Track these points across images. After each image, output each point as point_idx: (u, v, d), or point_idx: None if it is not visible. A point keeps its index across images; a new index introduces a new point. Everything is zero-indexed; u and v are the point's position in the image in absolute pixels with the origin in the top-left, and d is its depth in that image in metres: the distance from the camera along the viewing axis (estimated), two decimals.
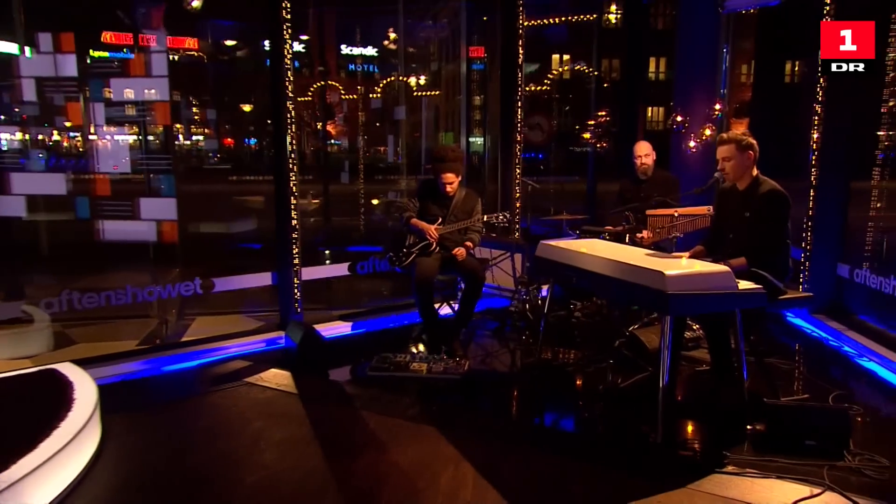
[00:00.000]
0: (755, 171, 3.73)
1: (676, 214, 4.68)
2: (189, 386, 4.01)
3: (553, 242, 4.15)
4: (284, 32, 4.44)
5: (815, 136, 5.19)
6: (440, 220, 4.79)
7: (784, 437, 3.13)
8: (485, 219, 4.70)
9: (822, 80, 5.08)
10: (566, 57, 24.35)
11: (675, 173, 5.64)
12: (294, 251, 4.72)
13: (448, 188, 4.77)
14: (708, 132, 6.41)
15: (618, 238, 4.94)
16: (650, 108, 25.57)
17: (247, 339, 4.73)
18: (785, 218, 3.59)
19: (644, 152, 5.22)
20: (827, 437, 3.09)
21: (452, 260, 4.65)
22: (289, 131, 4.58)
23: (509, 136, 6.03)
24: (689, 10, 6.73)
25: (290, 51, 4.50)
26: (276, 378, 4.06)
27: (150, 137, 5.73)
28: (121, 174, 4.88)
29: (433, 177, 4.83)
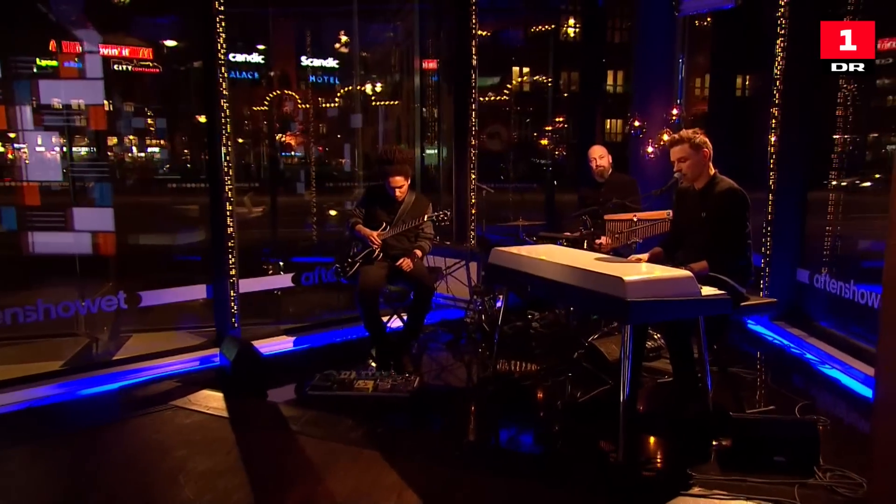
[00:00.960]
0: (712, 170, 3.55)
1: (636, 219, 4.47)
2: (107, 411, 3.61)
3: (507, 248, 3.89)
4: (217, 35, 4.13)
5: (773, 138, 5.07)
6: (385, 225, 4.50)
7: (752, 452, 2.91)
8: (426, 217, 4.41)
9: (777, 85, 4.99)
10: (525, 70, 24.40)
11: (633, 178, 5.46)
12: (231, 261, 4.36)
13: (397, 192, 4.48)
14: (666, 137, 6.25)
15: (575, 244, 4.71)
16: (608, 120, 25.75)
17: (179, 357, 4.34)
18: (743, 217, 3.39)
19: (598, 154, 5.05)
20: (796, 451, 2.88)
21: (401, 269, 4.35)
22: (224, 135, 4.25)
23: (463, 140, 5.78)
24: (647, 15, 6.62)
25: (224, 55, 4.18)
26: (207, 400, 3.69)
27: (83, 146, 5.34)
28: (52, 183, 4.51)
29: (381, 181, 4.54)
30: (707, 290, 3.09)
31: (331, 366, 4.14)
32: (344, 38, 7.14)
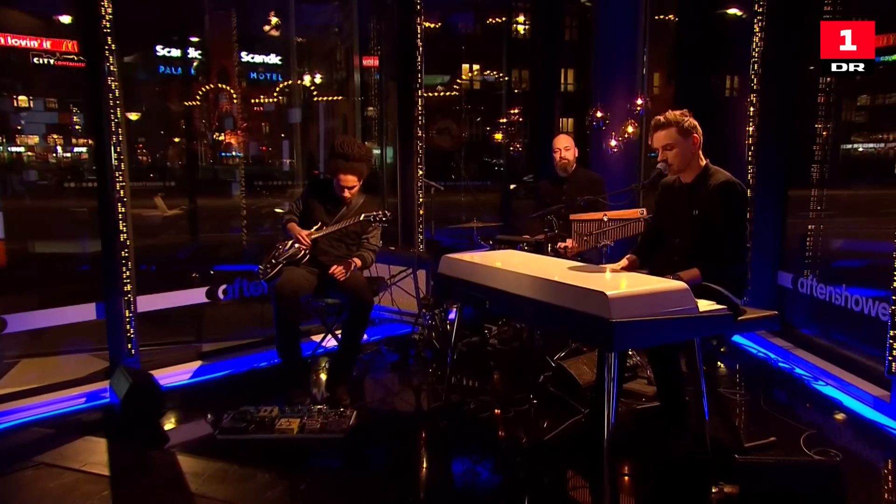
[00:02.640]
0: (703, 160, 3.00)
1: (606, 218, 3.91)
2: None
3: (459, 256, 3.26)
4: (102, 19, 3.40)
5: (751, 129, 4.61)
6: (321, 225, 3.82)
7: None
8: (361, 217, 3.74)
9: (753, 78, 4.56)
10: (476, 67, 23.88)
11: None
12: (125, 275, 3.59)
13: (346, 193, 3.82)
14: (630, 129, 5.77)
15: (538, 248, 4.12)
16: (561, 119, 25.48)
17: (61, 393, 3.54)
18: (742, 216, 2.87)
19: (564, 145, 4.51)
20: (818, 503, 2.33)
21: (333, 279, 3.66)
22: (113, 126, 3.50)
23: (408, 133, 5.14)
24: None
25: (111, 41, 3.44)
26: (84, 453, 2.93)
27: None
28: None
29: (329, 176, 3.86)
30: (704, 305, 2.52)
31: (250, 399, 3.44)
32: (274, 20, 6.38)
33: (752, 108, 4.59)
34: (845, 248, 4.60)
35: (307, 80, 10.72)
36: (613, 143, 5.87)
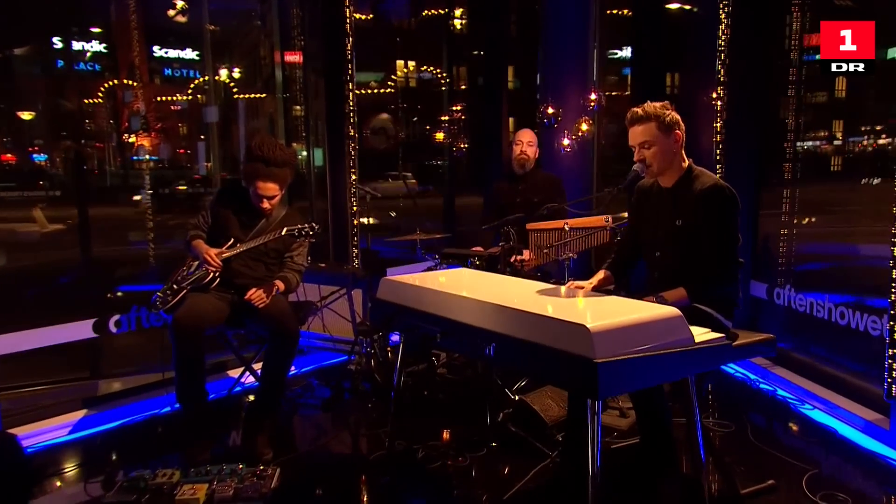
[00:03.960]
0: (686, 161, 2.68)
1: (567, 227, 3.56)
2: None
3: (402, 278, 2.83)
4: None
5: (718, 124, 4.38)
6: (234, 242, 3.31)
7: None
8: (284, 232, 3.25)
9: (721, 73, 4.35)
10: (411, 64, 23.49)
11: None
12: None
13: (265, 204, 3.33)
14: (585, 127, 5.48)
15: (492, 263, 3.73)
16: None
17: None
18: (734, 226, 2.57)
19: (528, 139, 4.27)
20: None
21: (250, 306, 3.17)
22: None
23: (339, 133, 4.68)
24: None
25: None
26: None
27: None
28: None
29: (245, 183, 3.36)
30: (699, 334, 2.18)
31: (147, 458, 2.90)
32: (180, 4, 5.79)
33: (719, 103, 4.36)
34: (821, 251, 4.41)
35: (224, 74, 10.07)
36: (566, 141, 5.57)
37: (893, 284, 2.94)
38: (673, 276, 2.62)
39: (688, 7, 5.73)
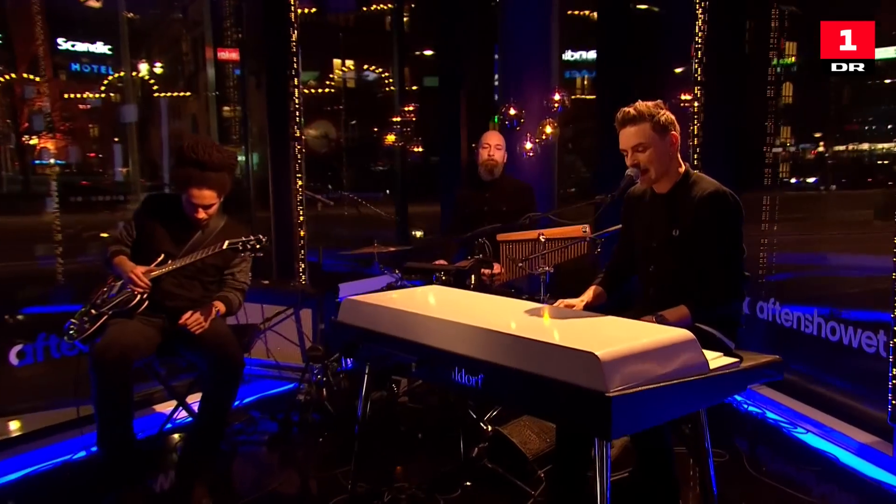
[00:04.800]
0: (682, 165, 2.58)
1: (542, 238, 3.43)
2: None
3: (367, 297, 2.62)
4: None
5: (695, 127, 4.37)
6: (164, 258, 3.03)
7: None
8: (226, 245, 2.99)
9: (698, 72, 4.32)
10: (350, 63, 23.18)
11: None
12: None
13: (201, 213, 3.07)
14: (549, 129, 5.38)
15: (460, 278, 3.55)
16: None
17: None
18: (739, 236, 2.48)
19: (495, 142, 4.18)
20: None
21: (186, 333, 2.90)
22: None
23: (284, 132, 4.43)
24: None
25: None
26: None
27: None
28: None
29: (177, 190, 3.08)
30: (711, 358, 2.06)
31: None
32: None
33: (696, 104, 4.34)
34: (796, 261, 4.41)
35: (144, 69, 9.59)
36: (529, 145, 5.47)
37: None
38: (670, 293, 2.50)
39: (656, 8, 5.77)
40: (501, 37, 5.99)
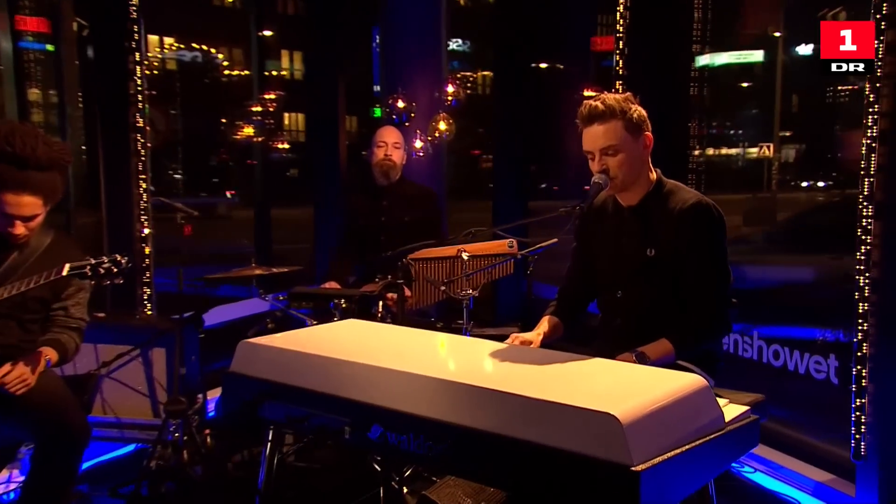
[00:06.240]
0: (653, 172, 2.44)
1: (465, 255, 3.19)
2: None
3: (274, 340, 2.24)
4: None
5: None
6: None
7: None
8: (65, 269, 2.46)
9: (620, 64, 4.31)
10: (169, 40, 21.82)
11: None
12: None
13: (19, 229, 2.51)
14: (443, 126, 5.16)
15: (366, 306, 3.24)
16: (288, 115, 24.54)
17: None
18: (725, 256, 2.36)
19: (393, 140, 3.99)
20: None
21: (3, 394, 2.36)
22: None
23: (122, 120, 3.90)
24: None
25: None
26: None
27: None
28: None
29: None
30: (727, 407, 1.91)
31: None
32: None
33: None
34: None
35: None
36: (419, 143, 5.22)
37: (860, 322, 2.94)
38: (642, 324, 2.37)
39: None
40: (383, 16, 5.71)
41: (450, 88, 5.30)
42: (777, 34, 11.64)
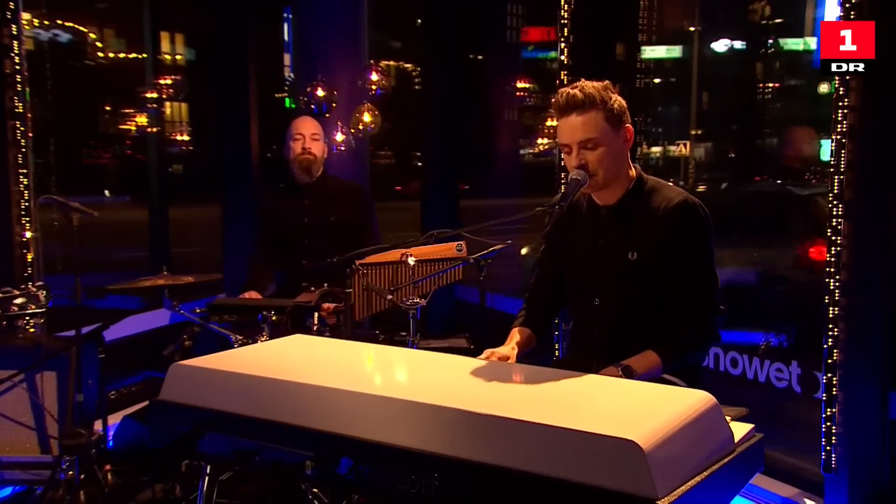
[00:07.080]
0: (633, 168, 2.39)
1: (411, 260, 3.07)
2: None
3: (216, 362, 2.05)
4: None
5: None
6: None
7: None
8: None
9: (565, 53, 4.29)
10: (27, 15, 20.52)
11: None
12: None
13: None
14: (368, 118, 5.01)
15: (300, 318, 3.07)
16: (170, 104, 23.55)
17: None
18: (709, 257, 2.34)
19: (311, 131, 3.88)
20: None
21: None
22: None
23: None
24: None
25: None
26: None
27: None
28: None
29: None
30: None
31: None
32: None
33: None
34: None
35: None
36: (341, 136, 5.06)
37: (830, 328, 2.99)
38: (623, 334, 2.30)
39: None
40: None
41: (374, 76, 5.16)
42: (692, 28, 12.02)
